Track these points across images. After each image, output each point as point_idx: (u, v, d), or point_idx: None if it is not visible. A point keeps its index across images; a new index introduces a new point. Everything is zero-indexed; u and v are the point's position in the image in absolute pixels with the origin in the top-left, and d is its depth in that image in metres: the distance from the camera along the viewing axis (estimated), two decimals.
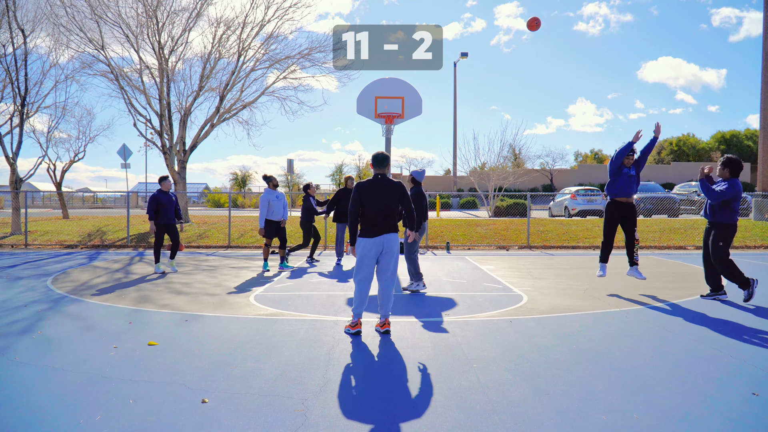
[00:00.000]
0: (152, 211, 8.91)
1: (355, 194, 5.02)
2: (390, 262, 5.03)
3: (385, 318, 5.09)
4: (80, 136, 23.39)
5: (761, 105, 19.32)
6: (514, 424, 3.06)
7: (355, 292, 5.07)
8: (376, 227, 4.96)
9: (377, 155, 5.13)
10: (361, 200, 5.00)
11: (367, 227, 5.01)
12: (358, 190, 5.02)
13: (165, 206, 9.01)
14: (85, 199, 52.06)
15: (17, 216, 16.50)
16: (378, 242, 4.96)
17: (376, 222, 4.97)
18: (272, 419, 3.13)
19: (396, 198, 5.04)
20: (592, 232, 14.85)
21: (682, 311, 6.09)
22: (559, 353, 4.44)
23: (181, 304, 6.55)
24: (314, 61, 17.53)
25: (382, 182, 5.04)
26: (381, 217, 4.97)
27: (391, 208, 5.01)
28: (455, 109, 38.29)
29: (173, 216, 9.15)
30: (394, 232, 5.05)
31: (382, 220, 4.97)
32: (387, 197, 4.99)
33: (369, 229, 4.99)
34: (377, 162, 5.13)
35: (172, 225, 9.16)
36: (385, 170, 5.16)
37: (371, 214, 4.98)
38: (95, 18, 16.33)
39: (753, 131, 50.61)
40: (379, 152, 5.15)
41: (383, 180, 5.06)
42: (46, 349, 4.58)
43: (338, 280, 8.54)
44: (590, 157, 61.05)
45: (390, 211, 5.01)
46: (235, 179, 53.38)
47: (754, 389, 3.59)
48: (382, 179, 5.06)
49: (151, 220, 8.92)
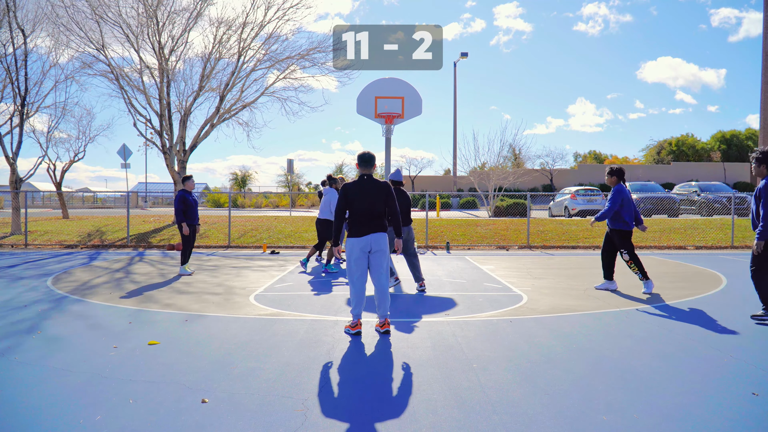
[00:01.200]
0: (181, 212, 8.67)
1: (341, 195, 5.04)
2: (381, 260, 5.03)
3: (383, 318, 5.08)
4: (80, 136, 23.37)
5: (761, 105, 19.34)
6: (514, 424, 3.07)
7: (351, 293, 5.09)
8: (364, 227, 4.96)
9: (364, 155, 5.12)
10: (347, 200, 5.02)
11: (354, 227, 5.01)
12: (344, 190, 5.03)
13: (191, 206, 8.88)
14: (85, 199, 52.06)
15: (17, 216, 16.50)
16: (365, 242, 4.96)
17: (362, 222, 4.97)
18: (272, 419, 3.13)
19: (382, 198, 5.03)
20: (592, 232, 14.85)
21: (682, 311, 6.09)
22: (559, 353, 4.44)
23: (181, 304, 6.55)
24: (314, 62, 17.52)
25: (368, 182, 5.04)
26: (367, 217, 4.97)
27: (377, 208, 5.00)
28: (455, 109, 38.31)
29: (197, 216, 9.06)
30: (381, 231, 5.03)
31: (368, 220, 4.97)
32: (373, 197, 4.99)
33: (356, 229, 4.99)
34: (364, 162, 5.11)
35: (195, 225, 9.02)
36: (371, 170, 5.14)
37: (358, 215, 4.98)
38: (95, 18, 16.33)
39: (753, 131, 50.62)
40: (365, 152, 5.13)
41: (369, 180, 5.06)
42: (46, 349, 4.58)
43: (338, 280, 8.54)
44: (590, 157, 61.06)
45: (377, 211, 5.00)
46: (235, 179, 53.34)
47: (754, 389, 3.59)
48: (368, 179, 5.06)
49: (182, 221, 8.68)
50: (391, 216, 5.14)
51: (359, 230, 4.97)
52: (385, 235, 5.06)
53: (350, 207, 5.02)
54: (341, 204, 5.04)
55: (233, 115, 18.29)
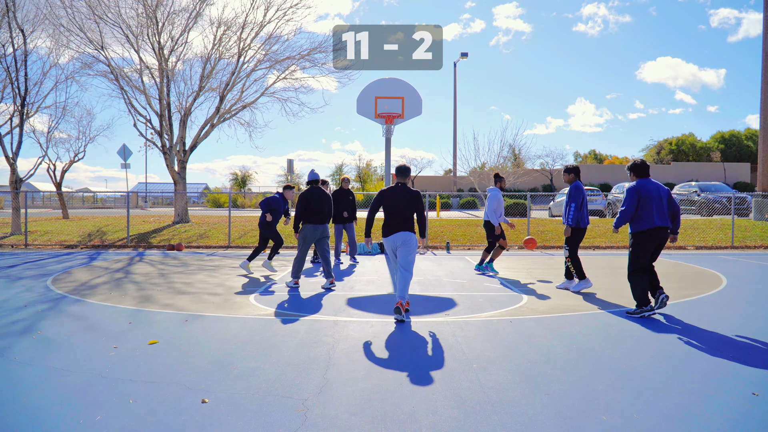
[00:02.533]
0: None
1: (377, 197, 5.90)
2: (405, 254, 5.75)
3: (399, 299, 5.62)
4: (80, 136, 23.40)
5: (761, 105, 19.32)
6: (514, 424, 3.06)
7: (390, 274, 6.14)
8: (392, 227, 5.77)
9: (400, 167, 5.98)
10: (382, 203, 5.85)
11: (385, 227, 5.83)
12: (380, 194, 5.88)
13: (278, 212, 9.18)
14: (85, 199, 52.07)
15: (17, 216, 16.50)
16: (392, 239, 5.79)
17: (393, 223, 5.77)
18: (272, 419, 3.13)
19: (413, 203, 5.80)
20: (591, 232, 14.84)
21: (682, 311, 6.09)
22: (559, 353, 4.44)
23: (181, 304, 6.55)
24: (314, 62, 17.52)
25: (402, 189, 5.83)
26: (398, 219, 5.74)
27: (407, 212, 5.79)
28: (455, 109, 38.31)
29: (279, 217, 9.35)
30: (408, 231, 5.76)
31: (398, 222, 5.75)
32: (405, 202, 5.77)
33: (386, 229, 5.82)
34: (400, 173, 5.95)
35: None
36: (407, 179, 5.94)
37: (390, 216, 5.77)
38: (95, 18, 16.33)
39: (753, 131, 50.61)
40: (402, 164, 5.94)
41: (403, 187, 5.85)
42: (46, 349, 4.58)
43: (338, 280, 8.54)
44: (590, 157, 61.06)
45: (407, 213, 5.79)
46: (235, 179, 53.35)
47: (753, 389, 3.59)
48: (402, 187, 5.86)
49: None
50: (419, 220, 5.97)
51: (388, 230, 5.81)
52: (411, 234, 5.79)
53: (384, 209, 5.88)
54: (374, 205, 5.94)
55: (233, 116, 18.29)
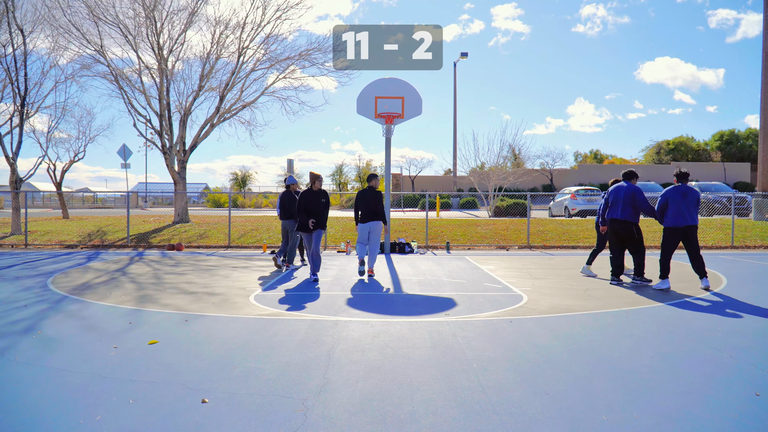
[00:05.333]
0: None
1: (357, 198, 8.75)
2: (373, 236, 8.77)
3: (370, 268, 8.86)
4: (80, 136, 23.41)
5: (761, 105, 19.32)
6: (514, 424, 3.06)
7: (357, 248, 8.82)
8: (366, 216, 8.69)
9: (370, 175, 8.94)
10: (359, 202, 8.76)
11: (362, 216, 8.70)
12: (358, 195, 8.75)
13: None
14: (85, 199, 52.05)
15: (17, 216, 16.50)
16: (366, 225, 8.73)
17: (366, 214, 8.68)
18: (272, 419, 3.13)
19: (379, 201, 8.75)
20: (592, 232, 14.84)
21: (682, 311, 6.09)
22: (559, 353, 4.44)
23: (181, 304, 6.55)
24: (314, 62, 17.52)
25: (371, 191, 8.72)
26: (369, 211, 8.67)
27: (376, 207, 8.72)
28: (455, 109, 38.29)
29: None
30: (377, 220, 8.72)
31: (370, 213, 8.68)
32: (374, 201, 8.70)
33: (363, 217, 8.71)
34: (369, 179, 8.89)
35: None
36: (375, 183, 8.77)
37: (364, 210, 8.67)
38: (93, 19, 16.32)
39: (753, 131, 50.60)
40: (371, 173, 8.46)
41: (372, 190, 8.73)
42: (46, 350, 4.58)
43: (337, 280, 8.54)
44: (590, 157, 61.05)
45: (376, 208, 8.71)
46: (235, 179, 53.35)
47: (754, 389, 3.59)
48: (371, 189, 8.74)
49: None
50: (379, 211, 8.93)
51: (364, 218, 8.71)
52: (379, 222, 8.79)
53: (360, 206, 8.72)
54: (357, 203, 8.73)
55: (233, 115, 18.29)
